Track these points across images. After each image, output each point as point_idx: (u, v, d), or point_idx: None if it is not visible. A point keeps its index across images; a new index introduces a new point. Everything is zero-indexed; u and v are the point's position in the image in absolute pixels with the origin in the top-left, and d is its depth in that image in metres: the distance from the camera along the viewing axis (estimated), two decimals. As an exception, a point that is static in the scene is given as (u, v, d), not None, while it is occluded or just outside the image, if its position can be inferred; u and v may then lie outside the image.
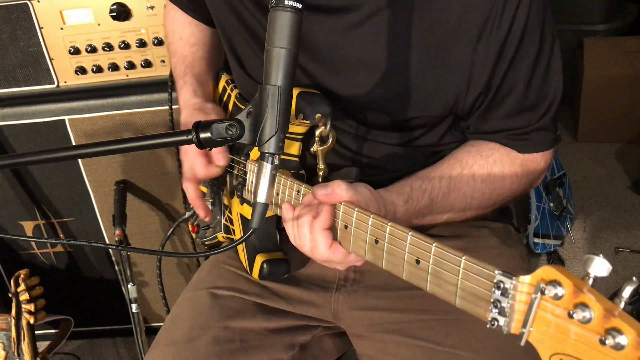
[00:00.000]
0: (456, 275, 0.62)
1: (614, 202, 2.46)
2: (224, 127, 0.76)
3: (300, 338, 1.03)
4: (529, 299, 0.54)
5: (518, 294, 0.56)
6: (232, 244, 0.80)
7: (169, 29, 1.24)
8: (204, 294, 1.06)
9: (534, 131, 0.91)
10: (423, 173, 0.92)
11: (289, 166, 0.98)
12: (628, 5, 3.14)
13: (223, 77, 1.19)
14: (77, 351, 2.02)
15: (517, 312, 0.56)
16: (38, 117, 1.58)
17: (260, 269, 1.00)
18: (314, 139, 0.89)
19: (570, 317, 0.50)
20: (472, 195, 0.92)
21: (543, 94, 0.89)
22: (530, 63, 0.86)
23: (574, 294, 0.51)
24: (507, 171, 0.92)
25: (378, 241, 0.73)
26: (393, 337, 0.95)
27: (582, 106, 2.76)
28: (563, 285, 0.51)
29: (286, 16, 0.71)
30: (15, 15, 1.48)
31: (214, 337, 0.98)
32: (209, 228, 1.20)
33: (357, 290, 1.03)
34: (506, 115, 0.90)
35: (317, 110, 0.89)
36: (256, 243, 1.03)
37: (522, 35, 0.84)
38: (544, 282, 0.53)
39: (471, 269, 0.61)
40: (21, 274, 1.50)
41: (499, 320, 0.57)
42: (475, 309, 0.60)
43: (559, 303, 0.52)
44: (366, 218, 0.74)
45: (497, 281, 0.57)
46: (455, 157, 0.94)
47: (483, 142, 0.95)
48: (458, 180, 0.91)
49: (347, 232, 0.77)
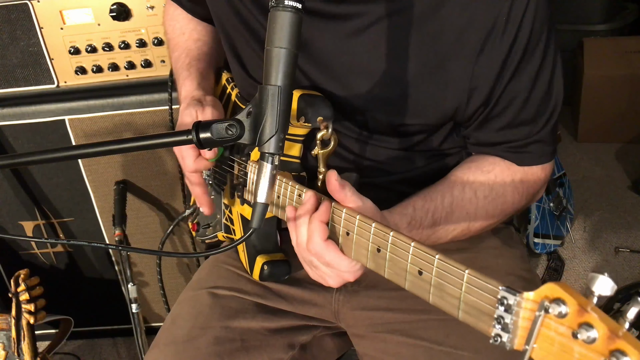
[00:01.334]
0: (459, 289, 0.62)
1: (614, 202, 2.46)
2: (224, 127, 0.76)
3: (301, 338, 1.03)
4: (533, 315, 0.54)
5: (522, 310, 0.55)
6: (232, 244, 0.80)
7: (168, 24, 1.24)
8: (204, 293, 1.06)
9: (533, 143, 0.91)
10: (425, 193, 0.90)
11: (290, 168, 0.98)
12: (628, 5, 3.14)
13: (223, 75, 1.18)
14: (77, 351, 2.02)
15: (520, 328, 0.56)
16: (38, 117, 1.58)
17: (260, 270, 1.00)
18: (315, 141, 0.89)
19: (575, 337, 0.50)
20: (476, 214, 0.91)
21: (543, 107, 0.89)
22: (531, 76, 0.86)
23: (578, 313, 0.50)
24: (508, 186, 0.92)
25: (380, 250, 0.72)
26: (394, 337, 0.95)
27: (582, 106, 2.76)
28: (567, 303, 0.51)
29: (286, 16, 0.71)
30: (15, 15, 1.48)
31: (215, 337, 0.98)
32: (209, 227, 1.19)
33: (358, 290, 1.03)
34: (505, 126, 0.90)
35: (318, 113, 0.89)
36: (257, 244, 1.03)
37: (525, 48, 0.84)
38: (548, 300, 0.52)
39: (475, 283, 0.60)
40: (21, 274, 1.50)
41: (502, 336, 0.57)
42: (479, 324, 0.60)
43: (563, 321, 0.51)
44: (368, 226, 0.73)
45: (500, 297, 0.57)
46: (456, 175, 0.93)
47: (483, 157, 0.94)
48: (460, 199, 0.90)
49: (349, 239, 0.76)
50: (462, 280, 0.61)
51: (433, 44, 0.85)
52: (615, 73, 2.68)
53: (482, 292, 0.59)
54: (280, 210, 0.90)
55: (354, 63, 0.90)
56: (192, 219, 1.26)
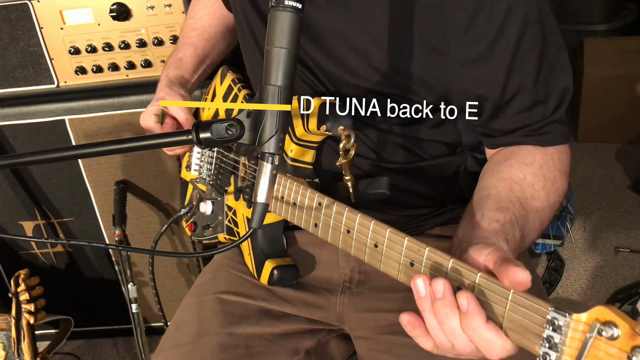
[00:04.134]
0: (504, 307, 0.62)
1: (614, 202, 2.45)
2: (224, 127, 0.76)
3: (306, 343, 1.02)
4: (583, 337, 0.55)
5: (571, 331, 0.56)
6: (232, 244, 0.80)
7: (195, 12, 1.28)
8: (208, 299, 1.05)
9: (550, 124, 0.88)
10: (494, 204, 0.81)
11: (303, 174, 0.98)
12: (628, 5, 3.14)
13: (228, 76, 1.18)
14: (77, 351, 2.03)
15: (569, 348, 0.57)
16: (38, 117, 1.58)
17: (270, 275, 1.00)
18: (339, 152, 0.90)
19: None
20: (543, 208, 0.86)
21: (552, 86, 0.87)
22: (535, 56, 0.85)
23: (630, 336, 0.52)
24: (555, 170, 0.88)
25: (414, 264, 0.72)
26: (398, 339, 0.95)
27: (582, 106, 2.76)
28: (619, 326, 0.53)
29: (286, 16, 0.72)
30: (15, 15, 1.48)
31: (219, 343, 0.97)
32: (208, 227, 1.19)
33: (362, 292, 1.03)
34: (519, 111, 0.88)
35: (340, 122, 0.90)
36: (264, 248, 1.02)
37: (523, 29, 0.83)
38: (600, 322, 0.54)
39: (521, 302, 0.61)
40: (21, 274, 1.50)
41: (550, 355, 0.58)
42: (523, 341, 0.61)
43: (614, 344, 0.53)
44: (401, 240, 0.73)
45: (550, 318, 0.58)
46: (503, 177, 0.86)
47: (513, 151, 0.90)
48: (525, 199, 0.83)
49: (378, 251, 0.77)
50: (507, 299, 0.62)
51: (434, 17, 0.85)
52: (615, 73, 2.68)
53: (529, 312, 0.60)
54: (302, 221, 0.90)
55: (353, 39, 0.90)
56: (186, 219, 1.26)
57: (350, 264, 1.04)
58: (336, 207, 0.83)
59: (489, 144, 0.95)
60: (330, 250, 1.04)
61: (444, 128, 0.99)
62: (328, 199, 0.85)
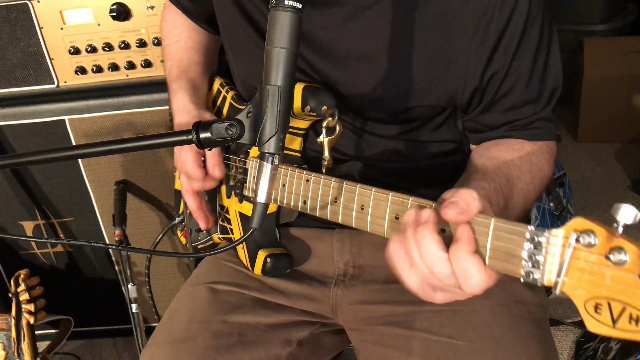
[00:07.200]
0: (486, 237, 0.63)
1: (614, 202, 2.43)
2: (224, 127, 0.76)
3: (298, 334, 1.03)
4: (562, 249, 0.57)
5: (551, 246, 0.58)
6: (232, 244, 0.80)
7: (165, 30, 1.23)
8: (202, 288, 1.06)
9: (538, 121, 0.91)
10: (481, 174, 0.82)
11: (291, 161, 0.99)
12: (628, 5, 3.15)
13: (217, 80, 1.19)
14: (77, 351, 2.03)
15: (549, 263, 0.58)
16: (38, 117, 1.58)
17: (263, 264, 1.01)
18: (321, 129, 0.90)
19: (607, 259, 0.53)
20: (528, 190, 0.87)
21: (544, 85, 0.89)
22: (531, 55, 0.86)
23: (607, 240, 0.54)
24: (543, 159, 0.90)
25: (399, 217, 0.74)
26: (390, 329, 0.95)
27: (582, 106, 2.77)
28: (596, 233, 0.54)
29: (286, 16, 0.72)
30: (15, 15, 1.48)
31: (212, 331, 0.98)
32: (202, 230, 1.19)
33: (356, 285, 1.04)
34: (510, 107, 0.90)
35: (323, 102, 0.91)
36: (257, 239, 1.03)
37: (524, 28, 0.84)
38: (577, 232, 0.55)
39: (502, 228, 0.62)
40: (21, 274, 1.50)
41: (533, 272, 0.59)
42: (508, 267, 0.62)
43: (593, 250, 0.54)
44: (385, 197, 0.75)
45: (530, 236, 0.59)
46: (490, 157, 0.88)
47: (502, 140, 0.92)
48: (511, 176, 0.84)
49: (364, 212, 0.78)
50: (488, 229, 0.63)
51: (435, 22, 0.85)
52: (615, 73, 2.68)
53: (509, 236, 0.61)
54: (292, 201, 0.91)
55: (353, 48, 0.90)
56: (181, 228, 1.26)
57: (344, 258, 1.05)
58: (323, 180, 0.86)
59: (474, 140, 0.97)
60: (324, 245, 1.06)
61: (444, 128, 1.00)
62: (315, 174, 0.87)
